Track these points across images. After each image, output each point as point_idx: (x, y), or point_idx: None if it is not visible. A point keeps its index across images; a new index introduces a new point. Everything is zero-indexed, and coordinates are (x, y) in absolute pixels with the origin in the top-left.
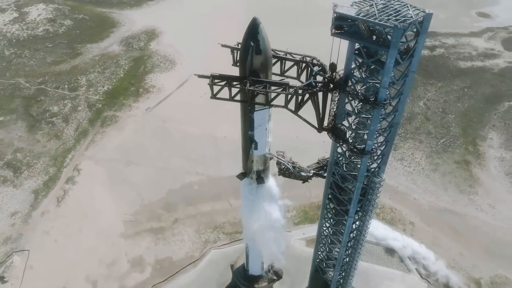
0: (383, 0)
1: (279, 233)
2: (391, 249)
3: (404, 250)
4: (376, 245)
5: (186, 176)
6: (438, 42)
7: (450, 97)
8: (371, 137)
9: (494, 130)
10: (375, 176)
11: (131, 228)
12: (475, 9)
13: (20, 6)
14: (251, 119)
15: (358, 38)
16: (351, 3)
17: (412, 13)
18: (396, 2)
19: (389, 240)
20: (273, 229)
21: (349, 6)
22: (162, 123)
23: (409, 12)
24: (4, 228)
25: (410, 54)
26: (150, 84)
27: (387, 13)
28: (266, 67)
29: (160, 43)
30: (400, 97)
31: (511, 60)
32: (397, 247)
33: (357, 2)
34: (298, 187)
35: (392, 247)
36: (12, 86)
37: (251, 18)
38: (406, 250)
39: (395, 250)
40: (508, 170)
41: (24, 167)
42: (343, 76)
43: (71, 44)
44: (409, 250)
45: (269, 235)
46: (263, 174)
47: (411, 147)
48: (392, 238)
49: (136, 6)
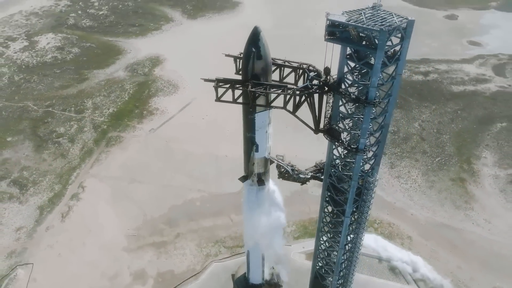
0: (371, 10)
1: (279, 234)
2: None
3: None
4: (375, 259)
5: (188, 193)
6: (431, 68)
7: (444, 118)
8: (363, 135)
9: (488, 150)
10: (369, 176)
11: (134, 243)
12: (466, 38)
13: (31, 35)
14: (252, 121)
15: (349, 42)
16: (342, 12)
17: (396, 20)
18: (382, 11)
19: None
20: (273, 229)
21: (340, 15)
22: (165, 143)
23: (393, 19)
24: (9, 243)
25: (396, 58)
26: (154, 107)
27: (374, 20)
28: (266, 71)
29: (164, 69)
30: (389, 99)
31: (502, 84)
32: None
33: (348, 12)
34: (298, 203)
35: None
36: (21, 109)
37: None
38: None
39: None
40: (503, 187)
41: (30, 184)
42: (337, 79)
43: (78, 70)
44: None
45: (270, 235)
46: (263, 176)
47: (408, 165)
48: (401, 260)
49: (141, 36)
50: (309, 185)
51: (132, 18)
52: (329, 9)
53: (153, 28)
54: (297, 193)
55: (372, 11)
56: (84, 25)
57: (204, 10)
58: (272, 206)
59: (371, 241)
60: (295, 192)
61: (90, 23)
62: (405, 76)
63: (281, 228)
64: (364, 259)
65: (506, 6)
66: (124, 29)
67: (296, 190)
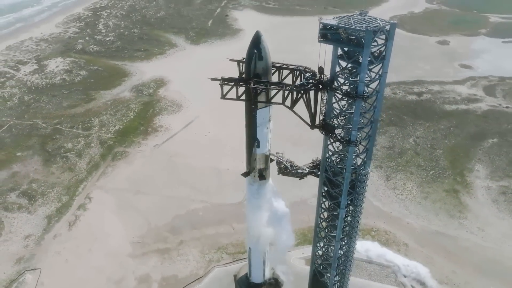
0: (358, 16)
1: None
2: (387, 266)
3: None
4: (371, 263)
5: (191, 204)
6: (425, 88)
7: (437, 135)
8: (354, 128)
9: (480, 163)
10: (361, 169)
11: (139, 249)
12: (458, 61)
13: (40, 59)
14: (254, 117)
15: (339, 43)
16: (333, 17)
17: (380, 23)
18: (368, 16)
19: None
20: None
21: (332, 19)
22: (169, 157)
23: (378, 22)
24: (17, 249)
25: (382, 57)
26: (158, 125)
27: (361, 23)
28: (267, 71)
29: (168, 90)
30: (377, 95)
31: (493, 104)
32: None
33: (338, 17)
34: (297, 213)
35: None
36: (30, 126)
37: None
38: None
39: (391, 268)
40: (495, 197)
41: (38, 196)
42: (330, 77)
43: (85, 91)
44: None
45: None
46: (264, 172)
47: (403, 177)
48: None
49: (146, 60)
50: (307, 196)
51: (138, 43)
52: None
53: (158, 52)
54: (296, 203)
55: (360, 16)
56: (91, 50)
57: (206, 37)
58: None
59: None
60: (295, 203)
61: (97, 48)
62: (400, 96)
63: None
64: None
65: (495, 33)
66: (130, 53)
67: (296, 201)
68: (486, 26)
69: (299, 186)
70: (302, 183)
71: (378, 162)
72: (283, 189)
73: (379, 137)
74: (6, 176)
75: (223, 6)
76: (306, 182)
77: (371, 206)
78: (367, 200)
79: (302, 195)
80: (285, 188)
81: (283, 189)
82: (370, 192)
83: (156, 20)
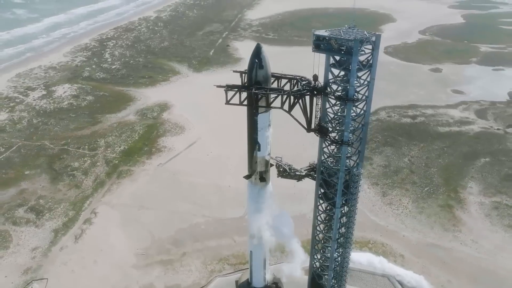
0: (347, 29)
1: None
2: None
3: None
4: (370, 274)
5: (193, 218)
6: (419, 112)
7: (431, 154)
8: (347, 129)
9: (473, 181)
10: (354, 170)
11: (143, 261)
12: (450, 87)
13: (48, 85)
14: (255, 121)
15: (331, 51)
16: (325, 30)
17: (366, 34)
18: (356, 29)
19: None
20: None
21: (324, 31)
22: (172, 175)
23: (365, 33)
24: (25, 261)
25: (369, 64)
26: (162, 145)
27: (350, 34)
28: (267, 79)
29: (172, 113)
30: (367, 100)
31: (485, 126)
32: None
33: (329, 30)
34: (296, 226)
35: None
36: (38, 147)
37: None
38: None
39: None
40: (488, 212)
41: (46, 211)
42: (323, 83)
43: (92, 114)
44: None
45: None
46: (264, 175)
47: (399, 194)
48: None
49: (150, 86)
50: (306, 211)
51: (143, 71)
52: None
53: (162, 79)
54: (296, 217)
55: (348, 30)
56: (98, 77)
57: (208, 65)
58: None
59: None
60: (294, 217)
61: (103, 75)
62: (395, 118)
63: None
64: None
65: (485, 61)
66: (135, 80)
67: (295, 215)
68: (477, 55)
69: (298, 202)
70: (300, 199)
71: (374, 179)
72: (284, 206)
73: (375, 156)
74: (15, 192)
75: (224, 37)
76: (304, 198)
77: (368, 220)
78: (364, 215)
79: (301, 210)
80: (285, 204)
81: (283, 206)
82: (367, 207)
83: (160, 49)
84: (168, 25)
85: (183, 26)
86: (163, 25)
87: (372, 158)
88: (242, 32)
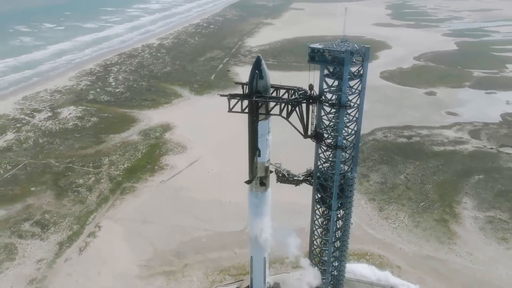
0: (340, 42)
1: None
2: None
3: None
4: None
5: (195, 232)
6: (414, 132)
7: (427, 172)
8: (340, 134)
9: (467, 197)
10: (349, 174)
11: (146, 272)
12: (444, 109)
13: (54, 108)
14: (256, 128)
15: (325, 62)
16: (319, 43)
17: (357, 47)
18: (347, 43)
19: None
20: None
21: (318, 44)
22: (174, 191)
23: (355, 46)
24: (30, 272)
25: (360, 74)
26: (164, 163)
27: (342, 47)
28: (266, 88)
29: (174, 134)
30: (358, 107)
31: (478, 145)
32: None
33: (323, 43)
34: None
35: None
36: (44, 165)
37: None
38: None
39: None
40: (482, 226)
41: (51, 225)
42: (318, 92)
43: (96, 134)
44: None
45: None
46: (264, 180)
47: (395, 209)
48: None
49: (153, 108)
50: (305, 224)
51: (146, 94)
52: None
53: (164, 102)
54: (295, 231)
55: (341, 43)
56: (102, 99)
57: (209, 88)
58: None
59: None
60: (293, 230)
61: (107, 98)
62: (391, 138)
63: None
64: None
65: (478, 85)
66: (138, 103)
67: (295, 229)
68: (470, 80)
69: (297, 216)
70: (299, 214)
71: (371, 195)
72: (284, 220)
73: (372, 173)
74: (21, 207)
75: (225, 62)
76: (303, 213)
77: (365, 234)
78: (362, 228)
79: (300, 224)
80: (285, 218)
81: (283, 220)
82: (364, 221)
83: (162, 74)
84: (171, 52)
85: (185, 53)
86: (165, 52)
87: (369, 175)
88: (242, 58)
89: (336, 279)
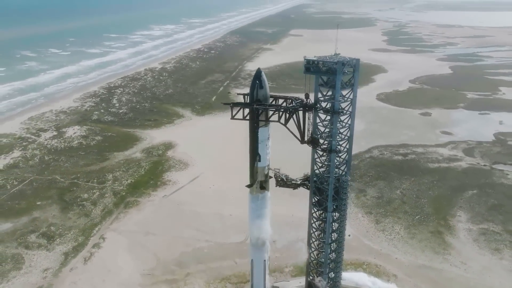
0: (333, 55)
1: None
2: None
3: None
4: None
5: (196, 243)
6: (409, 150)
7: (422, 187)
8: (334, 138)
9: (461, 210)
10: (343, 177)
11: (149, 280)
12: (439, 129)
13: (59, 127)
14: (256, 134)
15: (319, 73)
16: (314, 56)
17: (348, 58)
18: (340, 56)
19: None
20: None
21: (313, 57)
22: (177, 205)
23: (346, 58)
24: (36, 280)
25: (351, 84)
26: (167, 179)
27: (334, 59)
28: (266, 97)
29: (176, 151)
30: (350, 115)
31: (472, 162)
32: None
33: (317, 56)
34: (294, 249)
35: None
36: (49, 181)
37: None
38: None
39: None
40: (475, 237)
41: (56, 236)
42: (314, 100)
43: (100, 152)
44: None
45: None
46: (264, 184)
47: (391, 221)
48: None
49: (156, 127)
50: (303, 236)
51: (148, 115)
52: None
53: (166, 122)
54: (294, 241)
55: (334, 56)
56: (106, 120)
57: (210, 109)
58: None
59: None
60: (292, 242)
61: (111, 118)
62: (387, 156)
63: None
64: None
65: (472, 106)
66: (141, 122)
67: (293, 240)
68: (464, 101)
69: (296, 230)
70: (298, 226)
71: (368, 209)
72: (283, 231)
73: (368, 188)
74: (27, 220)
75: (225, 85)
76: (302, 225)
77: (362, 245)
78: (359, 240)
79: (298, 235)
80: (283, 230)
81: (282, 231)
82: (361, 233)
83: (165, 96)
84: (173, 75)
85: (187, 76)
86: (167, 75)
87: (366, 190)
88: (242, 81)
89: (333, 281)
